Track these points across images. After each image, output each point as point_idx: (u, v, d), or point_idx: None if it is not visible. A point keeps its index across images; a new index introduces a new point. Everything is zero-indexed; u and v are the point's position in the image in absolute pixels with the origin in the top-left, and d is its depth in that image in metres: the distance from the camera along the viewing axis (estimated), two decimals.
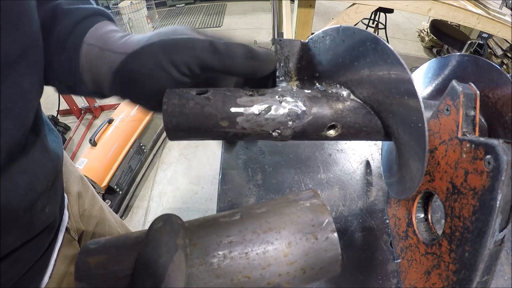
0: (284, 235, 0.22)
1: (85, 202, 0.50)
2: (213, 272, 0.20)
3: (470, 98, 0.25)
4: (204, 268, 0.20)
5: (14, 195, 0.26)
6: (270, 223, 0.23)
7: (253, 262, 0.21)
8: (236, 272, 0.21)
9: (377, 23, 2.70)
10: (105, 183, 1.48)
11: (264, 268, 0.21)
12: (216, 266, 0.21)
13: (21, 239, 0.29)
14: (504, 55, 2.46)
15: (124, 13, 2.50)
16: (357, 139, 0.33)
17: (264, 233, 0.22)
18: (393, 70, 0.27)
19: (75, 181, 0.49)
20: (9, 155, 0.25)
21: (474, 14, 1.42)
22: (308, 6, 1.34)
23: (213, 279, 0.20)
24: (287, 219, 0.23)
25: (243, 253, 0.21)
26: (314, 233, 0.22)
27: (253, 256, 0.21)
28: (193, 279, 0.20)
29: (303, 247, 0.22)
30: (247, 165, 0.47)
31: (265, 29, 3.23)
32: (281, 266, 0.21)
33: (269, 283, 0.21)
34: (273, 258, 0.21)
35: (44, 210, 0.32)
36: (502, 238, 0.21)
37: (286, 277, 0.22)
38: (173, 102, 0.29)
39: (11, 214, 0.26)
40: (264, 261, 0.21)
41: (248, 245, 0.21)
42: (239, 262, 0.21)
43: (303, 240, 0.22)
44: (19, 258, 0.30)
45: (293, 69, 0.36)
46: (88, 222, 0.49)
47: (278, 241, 0.22)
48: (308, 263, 0.22)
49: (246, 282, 0.21)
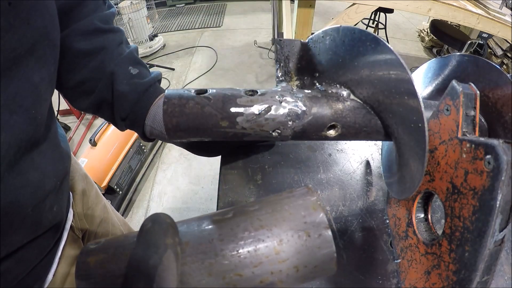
0: (275, 232, 0.22)
1: (89, 200, 0.50)
2: (206, 270, 0.21)
3: (470, 98, 0.25)
4: (196, 266, 0.21)
5: (23, 192, 0.26)
6: (261, 220, 0.22)
7: (244, 260, 0.21)
8: (228, 270, 0.21)
9: (377, 23, 2.70)
10: (105, 183, 1.48)
11: (256, 266, 0.21)
12: (208, 264, 0.21)
13: (27, 237, 0.29)
14: (504, 55, 2.46)
15: (124, 13, 2.50)
16: (357, 139, 0.33)
17: (255, 230, 0.22)
18: (393, 70, 0.27)
19: (79, 179, 0.49)
20: (19, 150, 0.24)
21: (474, 14, 1.42)
22: (308, 6, 1.34)
23: (206, 277, 0.20)
24: (278, 216, 0.23)
25: (234, 251, 0.21)
26: (307, 230, 0.22)
27: (244, 254, 0.21)
28: (186, 277, 0.20)
29: (295, 245, 0.21)
30: (247, 165, 0.47)
31: (265, 29, 3.23)
32: (273, 264, 0.21)
33: (262, 281, 0.21)
34: (265, 256, 0.21)
35: (52, 209, 0.32)
36: (502, 238, 0.21)
37: (279, 275, 0.21)
38: (173, 102, 0.29)
39: (19, 212, 0.26)
40: (255, 259, 0.21)
41: (239, 243, 0.21)
42: (230, 260, 0.21)
43: (295, 237, 0.22)
44: (24, 257, 0.29)
45: (293, 69, 0.36)
46: (92, 221, 0.49)
47: (269, 239, 0.21)
48: (301, 261, 0.22)
49: (238, 280, 0.21)
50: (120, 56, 0.36)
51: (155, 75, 0.39)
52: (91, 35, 0.34)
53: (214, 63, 2.74)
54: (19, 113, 0.24)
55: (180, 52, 2.93)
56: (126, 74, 0.36)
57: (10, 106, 0.23)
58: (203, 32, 3.25)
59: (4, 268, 0.27)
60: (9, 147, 0.23)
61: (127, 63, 0.36)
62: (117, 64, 0.35)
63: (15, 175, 0.24)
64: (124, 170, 1.60)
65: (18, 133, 0.24)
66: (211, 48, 2.96)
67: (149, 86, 0.37)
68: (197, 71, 2.64)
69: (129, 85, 0.35)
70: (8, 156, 0.23)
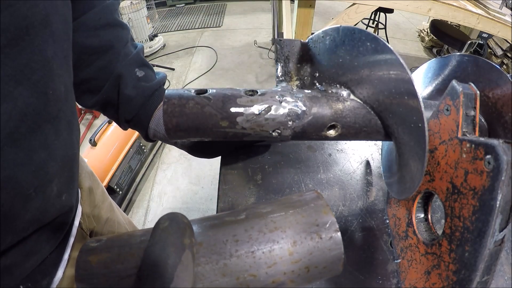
0: (289, 234, 0.22)
1: (95, 198, 0.49)
2: (220, 271, 0.21)
3: (470, 98, 0.25)
4: (210, 267, 0.21)
5: (22, 169, 0.24)
6: (275, 222, 0.23)
7: (259, 260, 0.21)
8: (242, 271, 0.21)
9: (377, 23, 2.70)
10: (105, 183, 1.48)
11: (270, 266, 0.21)
12: (222, 264, 0.21)
13: (33, 225, 0.28)
14: (504, 55, 2.46)
15: (124, 13, 2.51)
16: (357, 139, 0.33)
17: (270, 232, 0.22)
18: (393, 70, 0.27)
19: (86, 176, 0.48)
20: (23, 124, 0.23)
21: (474, 14, 1.42)
22: (308, 6, 1.34)
23: (219, 277, 0.21)
24: (292, 219, 0.23)
25: (249, 252, 0.21)
26: (319, 233, 0.23)
27: (259, 255, 0.21)
28: (200, 278, 0.20)
29: (308, 246, 0.22)
30: (247, 165, 0.47)
31: (265, 29, 3.23)
32: (286, 264, 0.22)
33: (274, 281, 0.22)
34: (279, 257, 0.22)
35: (61, 197, 0.31)
36: (502, 238, 0.21)
37: (290, 275, 0.22)
38: (173, 102, 0.29)
39: (19, 191, 0.25)
40: (270, 260, 0.21)
41: (254, 243, 0.22)
42: (245, 260, 0.21)
43: (307, 239, 0.22)
44: (32, 250, 0.29)
45: (293, 69, 0.36)
46: (98, 220, 0.49)
47: (283, 240, 0.22)
48: (312, 262, 0.22)
49: (252, 280, 0.21)
50: (127, 57, 0.36)
51: (161, 78, 0.39)
52: (99, 30, 0.34)
53: (214, 63, 2.74)
54: (26, 85, 0.23)
55: (180, 52, 2.93)
56: (133, 77, 0.36)
57: (17, 77, 0.22)
58: (203, 32, 3.26)
59: (11, 261, 0.26)
60: (9, 119, 0.22)
61: (134, 65, 0.37)
62: (124, 66, 0.36)
63: (17, 150, 0.23)
64: (124, 170, 1.60)
65: (21, 106, 0.23)
66: (211, 48, 2.96)
67: (155, 90, 0.37)
68: (197, 71, 2.64)
69: (135, 89, 0.36)
70: (7, 127, 0.22)
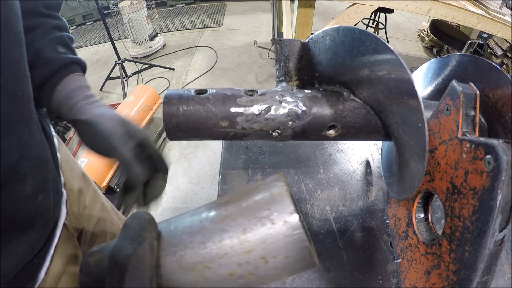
0: (239, 222, 0.21)
1: (86, 199, 0.49)
2: (177, 262, 0.21)
3: (470, 98, 0.25)
4: (169, 259, 0.21)
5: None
6: (227, 210, 0.22)
7: (210, 251, 0.21)
8: (196, 262, 0.21)
9: (377, 23, 2.70)
10: (105, 183, 1.48)
11: (222, 257, 0.20)
12: (178, 256, 0.21)
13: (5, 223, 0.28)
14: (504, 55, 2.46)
15: (124, 13, 2.50)
16: (357, 139, 0.33)
17: (221, 221, 0.21)
18: (393, 70, 0.27)
19: (76, 178, 0.48)
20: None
21: (474, 14, 1.42)
22: (308, 6, 1.34)
23: (178, 269, 0.21)
24: (244, 205, 0.22)
25: (200, 242, 0.21)
26: (270, 217, 0.20)
27: (210, 245, 0.21)
28: (162, 270, 0.21)
29: (259, 233, 0.20)
30: (247, 165, 0.47)
31: (265, 29, 3.23)
32: (238, 254, 0.20)
33: (231, 273, 0.21)
34: (229, 246, 0.20)
35: (37, 198, 0.31)
36: (502, 238, 0.21)
37: (247, 267, 0.20)
38: (173, 102, 0.29)
39: None
40: (220, 250, 0.21)
41: (205, 234, 0.21)
42: (197, 251, 0.21)
43: (258, 225, 0.20)
44: (13, 252, 0.29)
45: (293, 69, 0.36)
46: (88, 220, 0.49)
47: (233, 229, 0.21)
48: (267, 251, 0.20)
49: (208, 272, 0.21)
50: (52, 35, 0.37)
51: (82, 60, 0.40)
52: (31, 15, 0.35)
53: (214, 63, 2.74)
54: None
55: (180, 52, 2.93)
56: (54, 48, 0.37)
57: None
58: (203, 32, 3.25)
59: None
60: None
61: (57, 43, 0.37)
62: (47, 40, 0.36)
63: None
64: None
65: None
66: (211, 48, 2.96)
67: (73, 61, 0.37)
68: (197, 71, 2.64)
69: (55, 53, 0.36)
70: None
